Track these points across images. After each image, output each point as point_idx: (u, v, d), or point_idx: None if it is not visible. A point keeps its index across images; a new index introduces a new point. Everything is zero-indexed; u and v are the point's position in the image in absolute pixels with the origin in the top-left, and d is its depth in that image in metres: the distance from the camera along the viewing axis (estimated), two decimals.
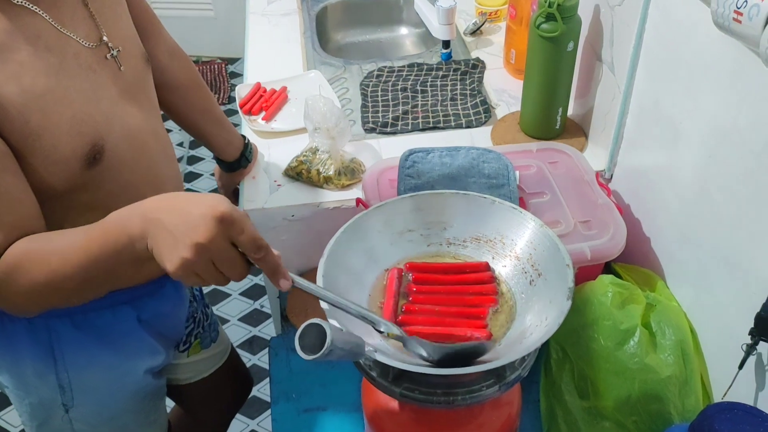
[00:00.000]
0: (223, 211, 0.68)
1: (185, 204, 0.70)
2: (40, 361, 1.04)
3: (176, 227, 0.68)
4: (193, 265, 0.68)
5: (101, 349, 1.06)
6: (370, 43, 2.05)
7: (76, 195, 0.91)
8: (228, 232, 0.68)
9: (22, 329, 1.01)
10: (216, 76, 3.54)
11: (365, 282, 0.86)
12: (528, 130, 1.41)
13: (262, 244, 0.70)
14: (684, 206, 1.06)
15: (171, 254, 0.68)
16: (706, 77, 0.96)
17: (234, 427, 2.00)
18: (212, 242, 0.67)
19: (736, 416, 0.77)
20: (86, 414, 1.10)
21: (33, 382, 1.06)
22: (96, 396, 1.09)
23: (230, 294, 2.44)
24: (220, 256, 0.68)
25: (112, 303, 1.04)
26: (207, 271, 0.69)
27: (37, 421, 1.10)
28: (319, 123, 1.27)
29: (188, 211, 0.68)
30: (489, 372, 0.76)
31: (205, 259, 0.68)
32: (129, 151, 0.96)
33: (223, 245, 0.68)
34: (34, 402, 1.08)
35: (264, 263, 0.71)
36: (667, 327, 1.00)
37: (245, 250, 0.70)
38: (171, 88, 1.22)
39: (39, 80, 0.83)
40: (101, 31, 0.93)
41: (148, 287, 1.09)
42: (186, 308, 1.21)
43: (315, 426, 1.06)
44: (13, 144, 0.81)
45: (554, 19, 1.23)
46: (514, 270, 0.86)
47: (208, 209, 0.68)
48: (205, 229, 0.67)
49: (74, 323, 1.03)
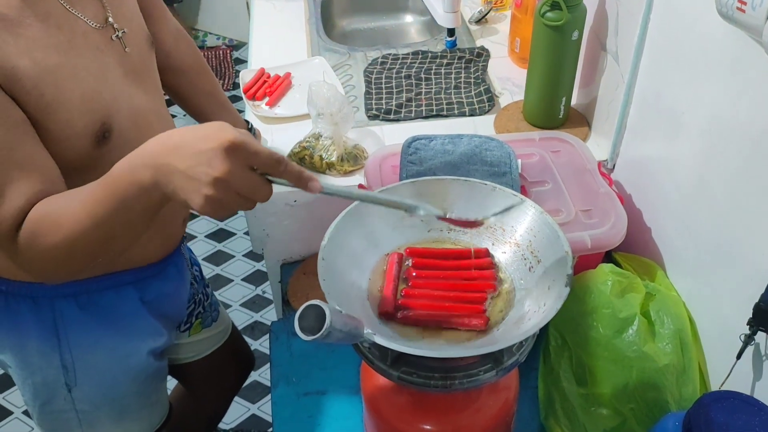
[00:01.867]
0: (231, 139, 0.68)
1: (190, 141, 0.69)
2: (44, 340, 1.05)
3: (190, 168, 0.68)
4: (218, 200, 0.68)
5: (105, 329, 1.07)
6: (375, 30, 2.05)
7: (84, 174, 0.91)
8: (242, 159, 0.68)
9: (26, 309, 1.02)
10: (221, 62, 3.54)
11: (365, 266, 0.86)
12: (531, 119, 1.41)
13: (279, 158, 0.70)
14: (684, 197, 1.06)
15: (194, 196, 0.68)
16: (708, 67, 0.96)
17: (235, 411, 2.03)
18: (230, 173, 0.67)
19: (732, 405, 0.78)
20: (89, 394, 1.11)
21: (36, 361, 1.07)
22: (99, 376, 1.10)
23: (232, 279, 2.45)
24: (242, 183, 0.69)
25: (116, 284, 1.05)
26: (233, 201, 0.69)
27: (40, 401, 1.11)
28: (323, 109, 1.28)
29: (197, 148, 0.68)
30: (487, 356, 0.77)
31: (228, 190, 0.68)
32: (134, 131, 0.96)
33: (241, 172, 0.68)
34: (38, 381, 1.09)
35: (287, 174, 0.71)
36: (666, 316, 1.00)
37: (265, 169, 0.70)
38: (176, 72, 1.22)
39: (50, 56, 0.84)
40: (107, 12, 0.94)
41: (151, 268, 1.10)
42: (188, 289, 1.22)
43: (314, 409, 1.07)
44: (31, 116, 0.82)
45: (559, 8, 1.23)
46: (514, 256, 0.86)
47: (216, 142, 0.67)
48: (220, 162, 0.67)
49: (78, 303, 1.04)
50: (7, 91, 0.79)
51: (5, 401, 2.09)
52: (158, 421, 1.25)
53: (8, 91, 0.79)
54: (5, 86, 0.79)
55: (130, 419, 1.19)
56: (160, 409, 1.26)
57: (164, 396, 1.28)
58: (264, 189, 0.71)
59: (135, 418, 1.20)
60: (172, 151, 0.70)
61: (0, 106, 0.79)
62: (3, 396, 2.10)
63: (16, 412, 2.06)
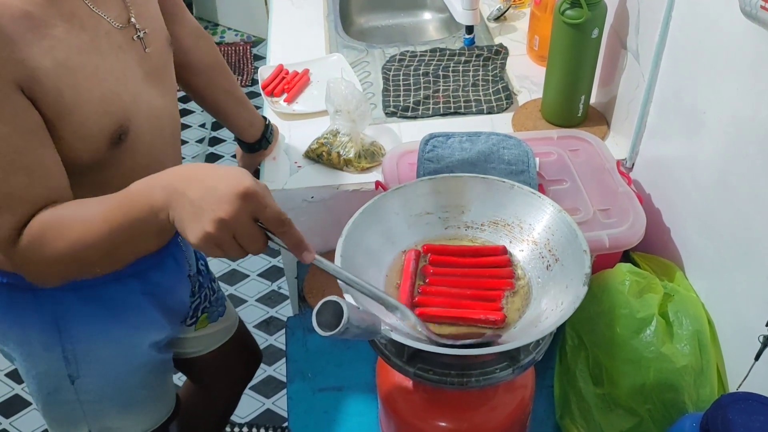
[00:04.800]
0: (247, 186, 0.68)
1: (210, 177, 0.70)
2: (45, 332, 1.05)
3: (200, 200, 0.69)
4: (215, 239, 0.69)
5: (106, 321, 1.08)
6: (393, 28, 2.05)
7: (96, 173, 0.92)
8: (251, 208, 0.69)
9: (28, 301, 1.03)
10: (240, 58, 3.56)
11: (382, 263, 0.86)
12: (549, 117, 1.40)
13: (284, 219, 0.70)
14: (704, 196, 1.05)
15: (194, 227, 0.69)
16: (730, 66, 0.95)
17: (249, 406, 2.04)
18: (235, 219, 0.68)
19: (751, 407, 0.77)
20: (92, 386, 1.12)
21: (39, 353, 1.08)
22: (101, 368, 1.11)
23: (248, 275, 2.46)
24: (242, 231, 0.69)
25: (117, 276, 1.06)
26: (228, 244, 0.70)
27: (44, 392, 1.12)
28: (341, 106, 1.28)
29: (213, 186, 0.69)
30: (503, 354, 0.76)
31: (227, 234, 0.69)
32: (149, 132, 0.97)
33: (245, 221, 0.69)
34: (41, 373, 1.10)
35: (287, 237, 0.72)
36: (685, 317, 0.99)
37: (268, 225, 0.70)
38: (196, 70, 1.23)
39: (72, 56, 0.84)
40: (130, 12, 0.95)
41: (151, 260, 1.10)
42: (187, 281, 1.22)
43: (330, 405, 1.08)
44: (46, 117, 0.83)
45: (579, 5, 1.22)
46: (531, 254, 0.86)
47: (232, 185, 0.68)
48: (230, 205, 0.68)
49: (79, 296, 1.04)
50: (27, 92, 0.80)
51: (24, 392, 2.12)
52: (165, 414, 1.25)
53: (28, 92, 0.80)
54: (26, 88, 0.80)
55: (135, 412, 1.20)
56: (167, 402, 1.26)
57: (170, 389, 1.28)
58: (260, 242, 0.71)
59: (140, 411, 1.20)
60: (189, 181, 0.71)
61: (18, 109, 0.80)
62: (22, 387, 2.13)
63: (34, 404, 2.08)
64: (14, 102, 0.79)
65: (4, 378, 2.15)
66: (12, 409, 2.08)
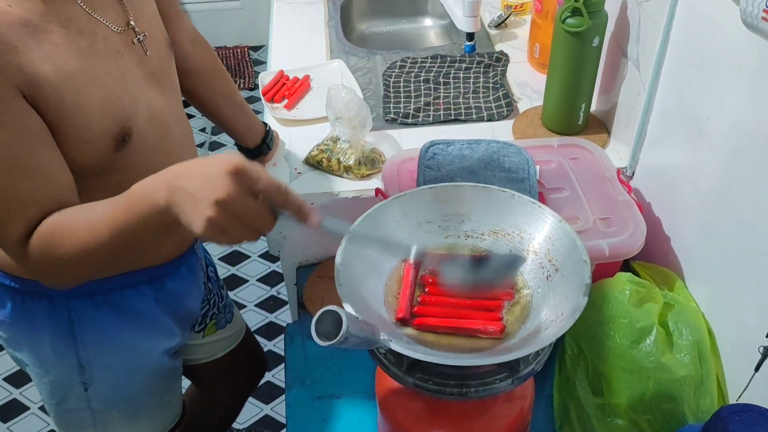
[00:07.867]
0: (236, 163, 0.69)
1: (201, 165, 0.72)
2: (59, 339, 1.05)
3: (197, 189, 0.70)
4: (218, 223, 0.69)
5: (120, 328, 1.08)
6: (394, 34, 2.05)
7: (103, 177, 0.92)
8: (244, 183, 0.69)
9: (41, 308, 1.03)
10: (240, 61, 3.55)
11: (382, 271, 0.86)
12: (550, 125, 1.40)
13: (281, 186, 0.71)
14: (705, 205, 1.05)
15: (195, 216, 0.70)
16: (730, 76, 0.95)
17: (248, 411, 2.03)
18: (231, 197, 0.68)
19: (750, 418, 0.77)
20: (104, 392, 1.12)
21: (52, 360, 1.08)
22: (114, 375, 1.11)
23: (248, 280, 2.46)
24: (242, 209, 0.70)
25: (132, 283, 1.06)
26: (234, 227, 0.70)
27: (56, 399, 1.12)
28: (341, 112, 1.28)
29: (205, 172, 0.70)
30: (502, 365, 0.76)
31: (228, 214, 0.69)
32: (153, 135, 0.97)
33: (242, 198, 0.69)
34: (53, 380, 1.10)
35: (288, 204, 0.72)
36: (685, 327, 0.99)
37: (266, 195, 0.71)
38: (194, 75, 1.23)
39: (71, 61, 0.85)
40: (128, 16, 0.95)
41: (165, 268, 1.10)
42: (201, 289, 1.23)
43: (328, 413, 1.07)
44: (49, 121, 0.84)
45: (580, 13, 1.22)
46: (531, 264, 0.86)
47: (221, 165, 0.69)
48: (222, 184, 0.68)
49: (94, 303, 1.04)
50: (29, 98, 0.80)
51: (22, 396, 2.11)
52: (171, 421, 1.26)
53: (29, 97, 0.80)
54: (27, 93, 0.80)
55: (144, 419, 1.20)
56: (174, 409, 1.26)
57: (178, 396, 1.28)
58: (265, 218, 0.72)
59: (148, 418, 1.21)
60: (185, 175, 0.73)
61: (20, 114, 0.80)
62: (20, 391, 2.12)
63: (32, 408, 2.08)
64: (17, 107, 0.80)
65: (2, 382, 2.15)
66: (10, 414, 2.07)
